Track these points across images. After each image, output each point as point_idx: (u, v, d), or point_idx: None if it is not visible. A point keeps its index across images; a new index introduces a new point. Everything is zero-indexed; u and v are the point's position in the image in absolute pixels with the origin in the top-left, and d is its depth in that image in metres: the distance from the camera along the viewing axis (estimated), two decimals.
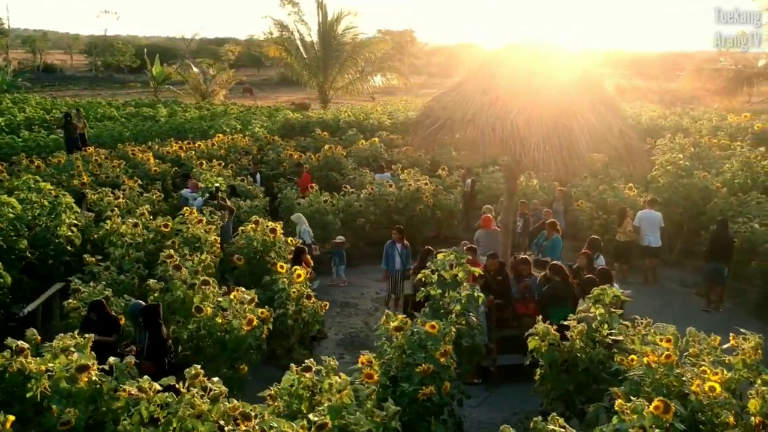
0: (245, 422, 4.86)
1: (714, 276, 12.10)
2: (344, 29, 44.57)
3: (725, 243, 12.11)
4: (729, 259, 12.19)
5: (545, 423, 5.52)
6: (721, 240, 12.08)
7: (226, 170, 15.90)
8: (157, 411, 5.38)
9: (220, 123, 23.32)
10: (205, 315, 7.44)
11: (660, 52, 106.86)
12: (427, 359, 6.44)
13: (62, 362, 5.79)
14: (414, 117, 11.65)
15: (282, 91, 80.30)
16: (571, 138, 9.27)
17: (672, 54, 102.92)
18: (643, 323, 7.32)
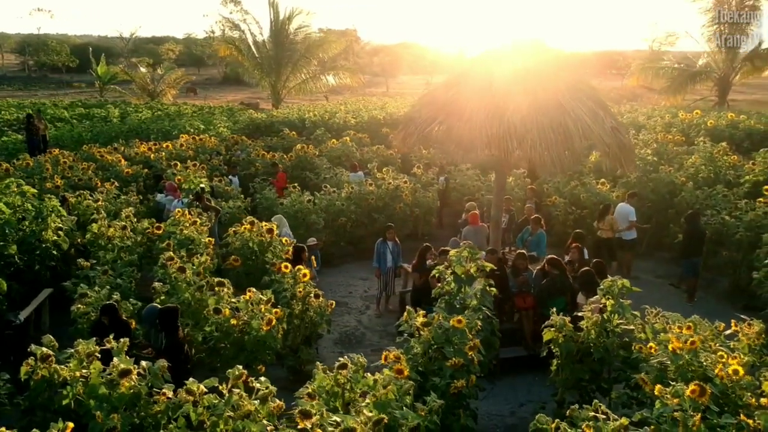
0: (305, 420, 4.86)
1: (695, 269, 12.56)
2: (297, 28, 44.34)
3: (699, 236, 12.59)
4: (702, 251, 12.70)
5: (582, 410, 5.68)
6: (695, 234, 12.55)
7: (200, 171, 15.66)
8: (204, 414, 5.35)
9: (184, 123, 22.92)
10: (224, 316, 7.37)
11: (596, 51, 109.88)
12: (456, 353, 6.55)
13: (98, 368, 5.67)
14: (405, 114, 11.66)
15: (226, 91, 79.33)
16: (566, 135, 9.52)
17: (608, 53, 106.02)
18: (653, 312, 7.63)
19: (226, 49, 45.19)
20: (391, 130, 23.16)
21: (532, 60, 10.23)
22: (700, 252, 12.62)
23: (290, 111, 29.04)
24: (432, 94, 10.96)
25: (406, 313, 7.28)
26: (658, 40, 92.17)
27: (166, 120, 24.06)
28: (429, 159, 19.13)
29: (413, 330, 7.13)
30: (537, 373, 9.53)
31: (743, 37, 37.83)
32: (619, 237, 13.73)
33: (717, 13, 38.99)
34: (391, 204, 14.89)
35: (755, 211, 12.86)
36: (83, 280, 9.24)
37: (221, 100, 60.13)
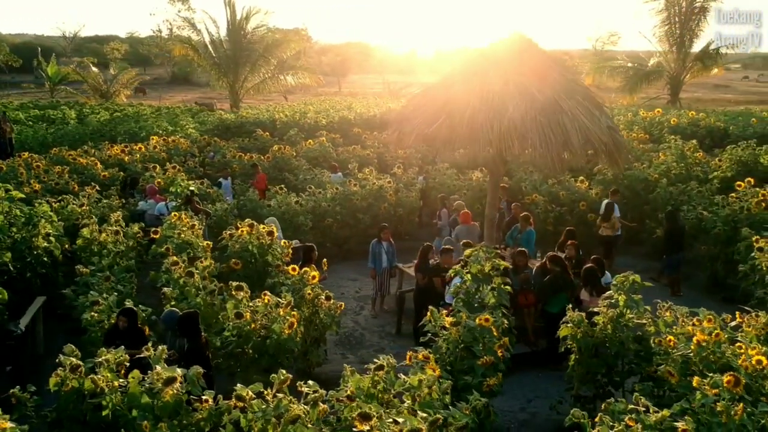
0: (364, 422, 4.85)
1: (677, 266, 12.93)
2: (255, 27, 43.96)
3: (680, 233, 12.97)
4: (683, 247, 13.10)
5: (618, 403, 5.83)
6: (675, 231, 12.92)
7: (181, 174, 15.40)
8: (253, 419, 5.30)
9: (151, 125, 22.45)
10: (245, 320, 7.28)
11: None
12: (487, 352, 6.63)
13: (137, 376, 5.55)
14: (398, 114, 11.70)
15: (175, 90, 78.05)
16: (564, 134, 9.70)
17: (554, 52, 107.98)
18: (664, 306, 7.84)
19: (181, 49, 44.55)
20: (362, 131, 23.23)
21: (527, 59, 10.37)
22: (681, 248, 13.00)
23: (259, 111, 28.74)
24: (427, 93, 10.99)
25: (429, 313, 7.29)
26: (601, 40, 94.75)
27: (131, 121, 23.52)
28: (405, 159, 19.23)
29: (437, 329, 7.16)
30: (541, 370, 9.72)
31: (694, 37, 39.18)
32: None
33: (668, 14, 40.33)
34: (375, 204, 14.91)
35: (731, 206, 13.30)
36: (82, 287, 9.02)
37: (172, 100, 59.13)
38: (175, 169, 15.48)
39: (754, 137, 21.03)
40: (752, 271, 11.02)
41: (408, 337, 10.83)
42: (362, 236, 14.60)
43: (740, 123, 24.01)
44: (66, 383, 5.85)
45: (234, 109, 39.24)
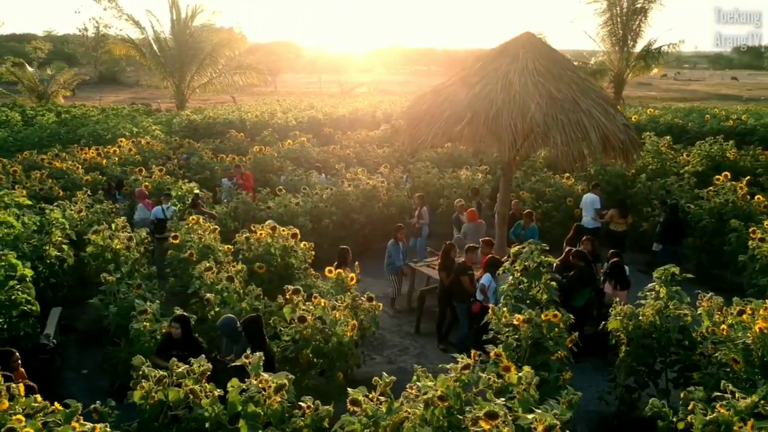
0: (491, 420, 4.87)
1: (671, 257, 13.37)
2: (201, 26, 42.99)
3: (679, 226, 13.45)
4: (681, 240, 13.59)
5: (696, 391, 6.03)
6: (675, 223, 13.39)
7: (167, 176, 14.99)
8: (367, 423, 5.26)
9: (117, 126, 21.68)
10: (308, 324, 7.18)
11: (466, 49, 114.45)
12: (561, 347, 6.74)
13: (236, 385, 5.40)
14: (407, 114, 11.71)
15: (105, 91, 75.57)
16: (583, 132, 9.95)
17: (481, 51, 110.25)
18: (706, 297, 8.14)
19: (122, 48, 43.13)
20: (333, 131, 23.11)
21: (541, 58, 10.57)
22: (680, 241, 13.48)
23: (226, 111, 28.15)
24: (440, 93, 11.05)
25: (491, 311, 7.35)
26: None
27: (91, 123, 22.62)
28: (383, 158, 19.27)
29: (500, 327, 7.23)
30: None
31: (637, 37, 40.64)
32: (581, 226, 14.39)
33: (611, 14, 41.65)
34: (368, 204, 14.87)
35: (716, 198, 13.88)
36: (109, 296, 8.70)
37: (105, 101, 57.26)
38: (162, 171, 15.04)
39: (710, 133, 22.01)
40: (751, 260, 11.54)
41: (427, 336, 10.88)
42: (357, 236, 14.56)
43: (696, 120, 25.04)
44: (151, 395, 5.66)
45: (180, 110, 38.34)
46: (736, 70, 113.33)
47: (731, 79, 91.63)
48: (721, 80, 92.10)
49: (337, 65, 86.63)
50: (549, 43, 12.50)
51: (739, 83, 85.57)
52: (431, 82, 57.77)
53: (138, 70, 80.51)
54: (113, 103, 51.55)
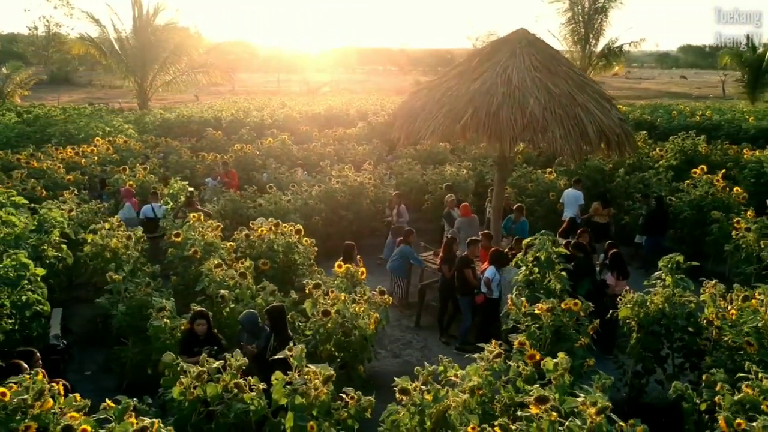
0: (541, 405, 4.97)
1: (658, 247, 13.72)
2: (164, 24, 42.31)
3: (664, 217, 13.80)
4: (666, 231, 13.95)
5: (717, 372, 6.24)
6: (660, 215, 13.74)
7: (151, 175, 14.77)
8: (415, 412, 5.31)
9: (89, 125, 21.20)
10: (332, 318, 7.19)
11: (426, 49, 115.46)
12: (584, 334, 6.89)
13: (281, 378, 5.40)
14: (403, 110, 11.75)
15: (59, 91, 73.58)
16: (581, 126, 10.15)
17: (437, 51, 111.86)
18: (710, 284, 8.39)
19: (81, 47, 42.19)
20: (310, 128, 23.04)
21: (537, 54, 10.74)
22: (664, 231, 13.84)
23: (200, 110, 27.80)
24: (436, 90, 11.13)
25: (510, 302, 7.47)
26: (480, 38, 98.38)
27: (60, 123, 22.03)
28: (363, 155, 19.30)
29: (519, 317, 7.35)
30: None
31: (599, 35, 41.47)
32: (564, 221, 14.66)
33: (573, 13, 42.41)
34: (356, 201, 14.89)
35: (696, 191, 14.30)
36: (116, 295, 8.56)
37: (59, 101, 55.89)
38: (146, 170, 14.81)
39: (678, 129, 22.67)
40: (737, 249, 11.94)
41: (428, 330, 10.96)
42: (345, 232, 14.52)
43: (664, 116, 25.70)
44: (190, 391, 5.62)
45: (143, 109, 37.69)
46: (682, 69, 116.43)
47: (680, 78, 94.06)
48: (670, 78, 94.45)
49: (293, 65, 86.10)
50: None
51: (688, 81, 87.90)
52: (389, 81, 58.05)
53: (91, 69, 78.80)
54: (69, 103, 50.31)
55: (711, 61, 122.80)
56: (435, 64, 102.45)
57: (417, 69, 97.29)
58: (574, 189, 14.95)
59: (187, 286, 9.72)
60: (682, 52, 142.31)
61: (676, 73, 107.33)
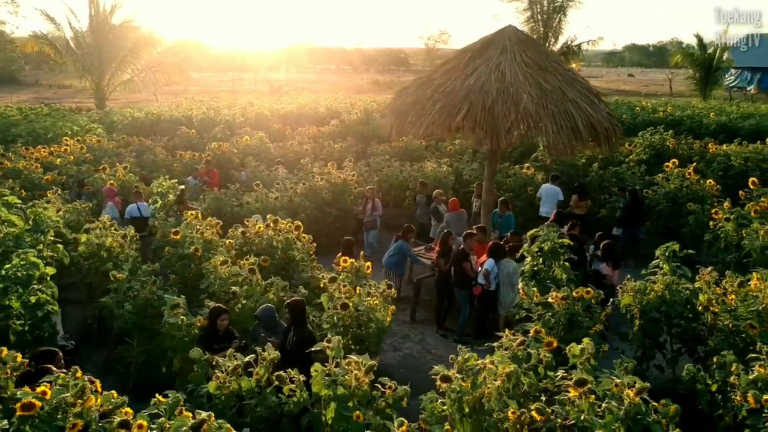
0: (578, 388, 5.13)
1: (634, 238, 14.15)
2: (121, 22, 41.50)
3: (639, 209, 14.22)
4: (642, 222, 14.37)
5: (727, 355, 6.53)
6: (636, 207, 14.15)
7: (131, 174, 14.55)
8: (455, 399, 5.42)
9: (56, 125, 20.69)
10: (350, 311, 7.26)
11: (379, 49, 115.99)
12: (597, 321, 7.11)
13: (320, 369, 5.46)
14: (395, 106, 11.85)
15: (5, 91, 71.48)
16: (572, 121, 10.42)
17: (390, 50, 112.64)
18: (707, 272, 8.72)
19: (34, 45, 41.12)
20: (283, 127, 22.95)
21: (527, 50, 10.97)
22: (640, 224, 14.26)
23: (170, 108, 27.37)
24: (428, 85, 11.27)
25: (522, 291, 7.64)
26: (433, 38, 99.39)
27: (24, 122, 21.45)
28: (340, 152, 19.36)
29: (532, 306, 7.53)
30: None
31: (559, 34, 42.28)
32: (541, 215, 14.97)
33: (532, 12, 43.14)
34: (340, 197, 14.93)
35: (670, 184, 14.77)
36: (120, 294, 8.46)
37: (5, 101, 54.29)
38: (126, 169, 14.60)
39: (643, 125, 23.29)
40: (715, 239, 12.37)
41: (423, 323, 11.09)
42: (329, 230, 14.56)
43: (628, 113, 26.36)
44: (225, 386, 5.63)
45: (100, 109, 36.94)
46: (628, 68, 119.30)
47: (628, 76, 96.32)
48: (618, 77, 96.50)
49: (245, 64, 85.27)
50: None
51: (636, 79, 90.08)
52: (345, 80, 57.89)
53: (37, 69, 76.59)
54: (18, 104, 48.91)
55: (655, 60, 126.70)
56: (388, 63, 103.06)
57: (371, 68, 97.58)
58: (551, 185, 15.26)
59: (186, 284, 9.65)
60: (627, 51, 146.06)
61: (623, 71, 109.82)
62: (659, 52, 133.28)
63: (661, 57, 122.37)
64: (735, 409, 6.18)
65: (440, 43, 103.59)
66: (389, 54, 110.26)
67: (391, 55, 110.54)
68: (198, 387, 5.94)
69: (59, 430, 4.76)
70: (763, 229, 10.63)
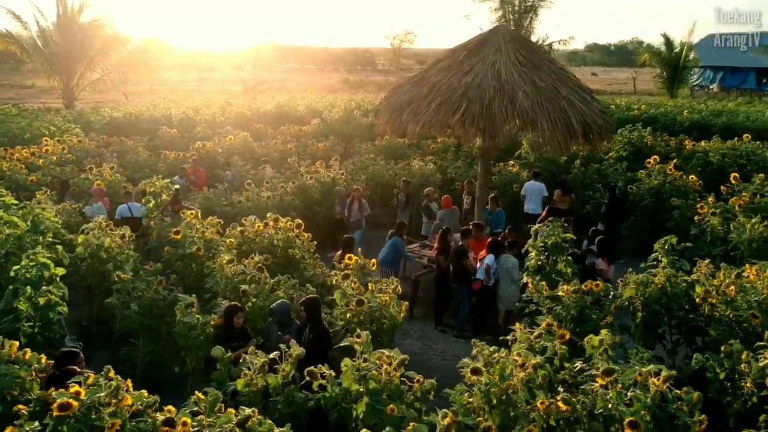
0: (606, 377, 5.26)
1: (619, 233, 14.42)
2: (90, 21, 40.87)
3: (620, 205, 14.51)
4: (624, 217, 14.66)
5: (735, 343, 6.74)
6: (617, 203, 14.42)
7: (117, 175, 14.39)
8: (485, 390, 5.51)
9: (36, 126, 20.30)
10: (366, 307, 7.31)
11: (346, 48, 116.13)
12: (608, 313, 7.27)
13: (350, 365, 5.51)
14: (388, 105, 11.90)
15: None
16: (566, 118, 10.61)
17: (356, 50, 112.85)
18: (703, 264, 8.95)
19: (1, 43, 40.28)
20: (264, 126, 22.85)
21: (520, 48, 11.13)
22: (622, 220, 14.54)
23: (148, 108, 26.99)
24: (422, 83, 11.36)
25: (531, 286, 7.77)
26: (398, 38, 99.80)
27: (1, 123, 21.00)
28: (323, 151, 19.39)
29: (541, 300, 7.67)
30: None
31: (530, 33, 42.71)
32: (527, 212, 15.18)
33: (504, 12, 43.54)
34: (330, 196, 14.94)
35: (653, 179, 15.11)
36: (124, 294, 8.39)
37: None
38: (113, 169, 14.42)
39: (620, 123, 23.73)
40: (702, 233, 12.68)
41: (421, 320, 11.18)
42: (319, 228, 14.53)
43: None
44: (254, 383, 5.65)
45: (69, 109, 36.34)
46: (590, 67, 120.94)
47: (592, 75, 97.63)
48: (581, 75, 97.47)
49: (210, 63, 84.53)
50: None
51: (599, 78, 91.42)
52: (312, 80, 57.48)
53: None
54: None
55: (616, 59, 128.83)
56: (355, 63, 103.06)
57: (339, 68, 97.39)
58: (535, 181, 15.47)
59: (186, 284, 9.58)
60: (589, 50, 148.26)
61: (586, 70, 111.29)
62: (620, 51, 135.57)
63: (622, 56, 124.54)
64: (745, 395, 6.39)
65: (406, 43, 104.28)
66: (356, 54, 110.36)
67: (358, 54, 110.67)
68: (222, 385, 5.93)
69: (94, 429, 4.74)
70: (750, 223, 10.94)
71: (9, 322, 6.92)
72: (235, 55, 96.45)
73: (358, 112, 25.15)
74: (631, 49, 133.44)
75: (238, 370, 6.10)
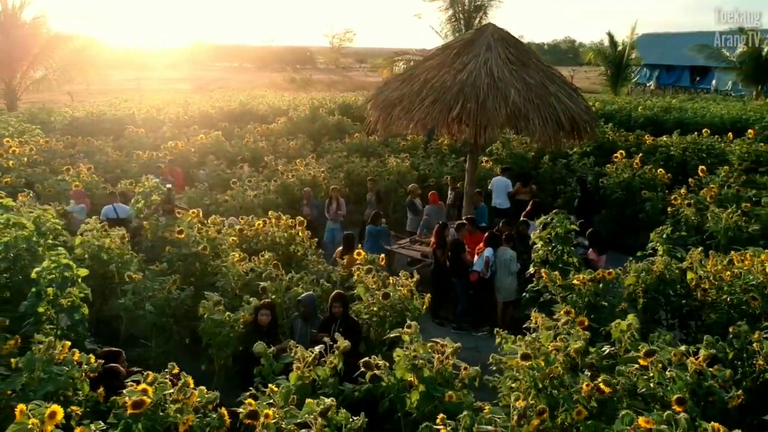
0: (647, 358, 5.55)
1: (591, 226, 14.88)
2: (32, 20, 39.55)
3: (591, 198, 15.01)
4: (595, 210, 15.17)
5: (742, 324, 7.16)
6: (587, 196, 14.92)
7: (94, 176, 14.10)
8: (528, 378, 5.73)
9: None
10: (390, 301, 7.44)
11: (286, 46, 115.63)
12: (621, 300, 7.60)
13: (402, 354, 5.66)
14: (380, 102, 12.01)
15: None
16: (555, 115, 10.97)
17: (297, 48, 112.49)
18: (696, 251, 9.40)
19: None
20: (230, 125, 22.61)
21: (509, 46, 11.43)
22: (594, 211, 15.04)
23: (112, 107, 26.28)
24: (413, 80, 11.54)
25: (545, 276, 8.04)
26: (337, 36, 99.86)
27: None
28: (296, 150, 19.37)
29: (554, 289, 7.95)
30: None
31: None
32: (494, 206, 15.52)
33: (454, 11, 44.05)
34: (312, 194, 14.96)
35: (622, 173, 15.68)
36: (135, 294, 8.31)
37: None
38: (90, 170, 14.11)
39: None
40: (677, 224, 13.25)
41: None
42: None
43: None
44: (306, 375, 5.74)
45: (12, 110, 35.15)
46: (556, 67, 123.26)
47: None
48: None
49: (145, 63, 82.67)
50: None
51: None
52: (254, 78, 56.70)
53: None
54: None
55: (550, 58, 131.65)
56: (294, 61, 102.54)
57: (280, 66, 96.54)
58: (502, 177, 15.86)
59: (189, 284, 9.52)
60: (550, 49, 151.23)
61: None
62: (554, 50, 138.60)
63: (556, 55, 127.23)
64: (755, 373, 6.80)
65: (345, 42, 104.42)
66: (295, 52, 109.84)
67: (298, 52, 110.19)
68: (266, 379, 6.00)
69: (163, 426, 4.77)
70: (726, 213, 11.52)
71: (31, 324, 6.80)
72: (170, 54, 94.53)
73: (324, 111, 25.15)
74: (565, 48, 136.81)
75: (279, 365, 6.19)
